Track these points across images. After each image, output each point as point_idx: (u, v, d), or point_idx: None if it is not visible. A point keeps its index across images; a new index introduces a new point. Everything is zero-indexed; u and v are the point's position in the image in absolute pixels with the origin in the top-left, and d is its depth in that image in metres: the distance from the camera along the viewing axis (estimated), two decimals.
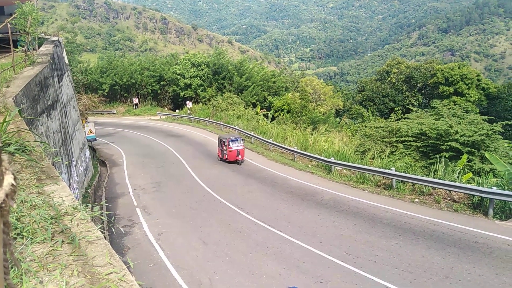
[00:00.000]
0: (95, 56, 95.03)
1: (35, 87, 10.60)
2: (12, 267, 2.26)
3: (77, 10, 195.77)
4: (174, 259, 11.38)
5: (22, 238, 2.62)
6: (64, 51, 22.30)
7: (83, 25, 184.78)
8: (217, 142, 25.65)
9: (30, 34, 14.58)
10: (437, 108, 26.38)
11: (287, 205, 15.87)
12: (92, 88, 52.64)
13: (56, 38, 21.05)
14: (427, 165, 19.72)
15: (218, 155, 24.65)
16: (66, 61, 21.75)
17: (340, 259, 10.83)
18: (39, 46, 17.37)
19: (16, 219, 2.76)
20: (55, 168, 4.34)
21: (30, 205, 3.07)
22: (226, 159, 23.39)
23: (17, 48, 13.98)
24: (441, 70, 51.23)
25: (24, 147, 4.42)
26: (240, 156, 23.06)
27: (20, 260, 2.37)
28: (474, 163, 19.13)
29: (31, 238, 2.62)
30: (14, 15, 13.90)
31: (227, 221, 14.31)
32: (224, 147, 23.47)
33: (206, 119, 40.98)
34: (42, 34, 23.18)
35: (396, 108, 52.02)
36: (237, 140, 23.44)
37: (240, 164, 23.28)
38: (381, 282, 9.46)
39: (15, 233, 2.64)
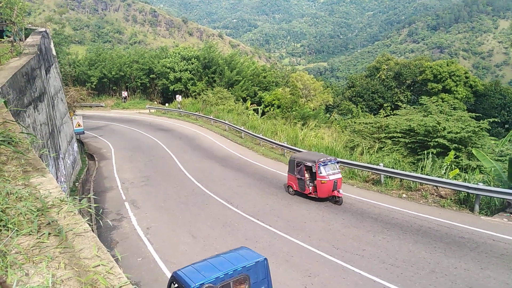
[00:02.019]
0: (83, 48, 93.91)
1: (21, 79, 10.42)
2: None
3: (65, 1, 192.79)
4: (163, 253, 11.35)
5: (8, 230, 2.57)
6: (52, 43, 21.95)
7: (71, 17, 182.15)
8: (288, 165, 16.51)
9: (16, 24, 14.32)
10: (425, 104, 26.62)
11: (277, 199, 15.91)
12: (80, 81, 51.96)
13: (43, 29, 20.72)
14: (415, 161, 19.91)
15: (291, 186, 16.33)
16: (54, 52, 21.43)
17: (329, 253, 10.91)
18: (26, 37, 17.08)
19: (1, 211, 2.71)
20: (42, 161, 4.27)
21: (16, 197, 3.01)
22: (312, 194, 15.46)
23: (3, 38, 13.72)
24: (430, 67, 51.73)
25: (10, 138, 4.34)
26: (339, 191, 14.95)
27: (6, 252, 2.33)
28: (461, 160, 19.37)
29: (16, 230, 2.58)
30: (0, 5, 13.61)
31: (217, 215, 14.30)
32: (307, 175, 15.59)
33: (196, 113, 40.77)
34: (29, 25, 22.79)
35: (385, 105, 52.38)
36: (329, 163, 15.17)
37: (340, 204, 14.99)
38: (369, 276, 9.56)
39: (0, 225, 2.60)
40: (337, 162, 15.72)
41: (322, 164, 14.95)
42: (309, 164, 15.20)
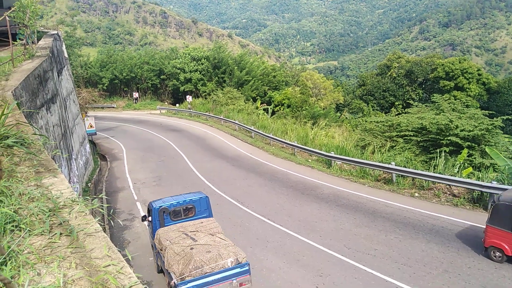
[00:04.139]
0: (94, 50, 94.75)
1: (34, 81, 10.55)
2: (9, 259, 2.25)
3: (77, 3, 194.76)
4: None
5: (20, 231, 2.60)
6: (64, 45, 22.21)
7: (83, 19, 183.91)
8: (492, 212, 10.29)
9: (29, 28, 14.50)
10: (437, 102, 26.32)
11: (287, 199, 15.88)
12: (92, 82, 52.50)
13: (55, 32, 20.96)
14: (427, 160, 19.70)
15: (499, 249, 9.87)
16: (66, 55, 21.68)
17: (340, 253, 10.85)
18: (38, 39, 17.28)
19: (14, 212, 2.75)
20: (55, 162, 4.32)
21: (28, 197, 3.05)
22: None
23: (16, 41, 13.91)
24: (442, 65, 51.10)
25: (23, 140, 4.40)
26: None
27: (18, 252, 2.36)
28: (474, 158, 19.11)
29: (29, 230, 2.61)
30: (13, 8, 13.81)
31: (227, 215, 14.32)
32: None
33: (206, 113, 40.90)
34: (41, 28, 23.06)
35: (396, 103, 51.93)
36: None
37: None
38: (381, 276, 9.48)
39: (12, 226, 2.63)
40: None
41: None
42: None
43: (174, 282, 7.87)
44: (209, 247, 8.46)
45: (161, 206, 10.28)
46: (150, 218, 10.57)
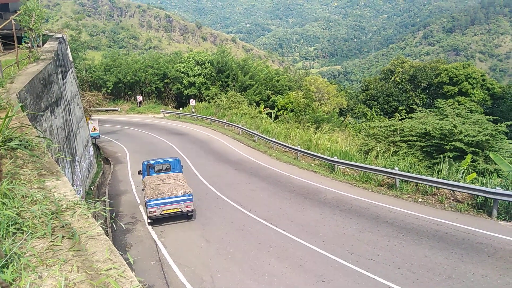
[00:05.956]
0: (99, 54, 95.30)
1: (38, 84, 10.60)
2: (10, 262, 2.25)
3: (82, 7, 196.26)
4: (176, 257, 11.39)
5: (22, 233, 2.60)
6: (69, 48, 22.34)
7: (88, 23, 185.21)
8: None
9: (34, 31, 14.61)
10: (441, 107, 26.22)
11: (290, 203, 15.84)
12: (96, 86, 52.73)
13: (60, 35, 21.09)
14: (431, 165, 19.60)
15: None
16: (70, 58, 21.79)
17: (343, 258, 10.80)
18: (43, 43, 17.40)
19: (16, 214, 2.75)
20: (58, 164, 4.32)
21: (31, 200, 3.06)
22: None
23: (21, 44, 14.00)
24: (446, 70, 50.99)
25: (27, 142, 4.42)
26: None
27: (20, 255, 2.36)
28: (478, 163, 19.00)
29: (31, 233, 2.61)
30: (18, 12, 13.92)
31: (230, 219, 14.30)
32: None
33: (210, 117, 40.94)
34: (47, 31, 23.22)
35: (400, 108, 51.82)
36: None
37: None
38: (384, 282, 9.43)
39: (15, 228, 2.63)
40: None
41: None
42: None
43: (146, 201, 13.87)
44: (169, 185, 14.27)
45: (148, 162, 16.07)
46: (142, 172, 16.22)
